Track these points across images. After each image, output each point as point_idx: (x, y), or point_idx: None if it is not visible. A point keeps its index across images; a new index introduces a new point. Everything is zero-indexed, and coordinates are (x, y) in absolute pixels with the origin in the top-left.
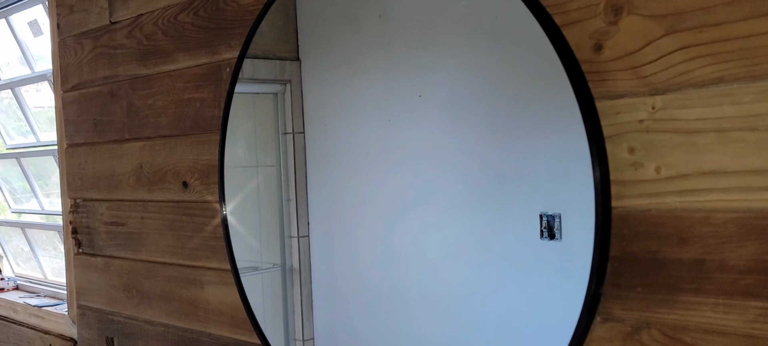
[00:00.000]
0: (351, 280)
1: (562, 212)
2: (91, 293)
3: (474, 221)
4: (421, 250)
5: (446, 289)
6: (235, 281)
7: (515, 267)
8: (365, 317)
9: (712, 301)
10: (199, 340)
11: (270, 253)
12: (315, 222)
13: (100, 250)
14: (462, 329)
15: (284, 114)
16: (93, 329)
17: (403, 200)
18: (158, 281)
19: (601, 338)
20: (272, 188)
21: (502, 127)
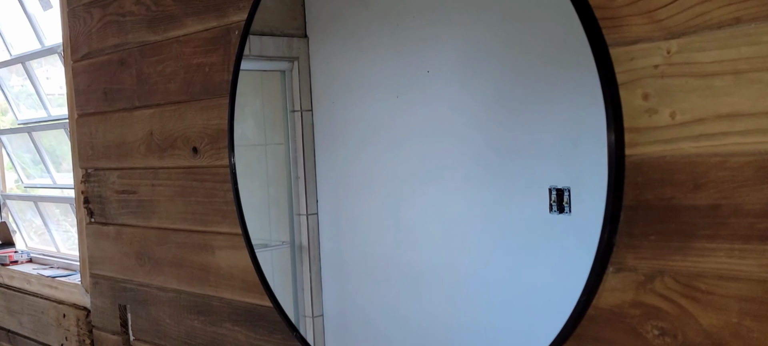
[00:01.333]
0: (360, 256)
1: (571, 186)
2: (103, 261)
3: (483, 195)
4: (429, 226)
5: (455, 264)
6: (246, 245)
7: (524, 241)
8: (374, 294)
9: (727, 246)
10: (211, 304)
11: (279, 230)
12: (323, 199)
13: (111, 218)
14: (471, 304)
15: (292, 91)
16: (106, 297)
17: (412, 176)
18: (170, 247)
19: (614, 288)
20: (281, 166)
21: (510, 101)
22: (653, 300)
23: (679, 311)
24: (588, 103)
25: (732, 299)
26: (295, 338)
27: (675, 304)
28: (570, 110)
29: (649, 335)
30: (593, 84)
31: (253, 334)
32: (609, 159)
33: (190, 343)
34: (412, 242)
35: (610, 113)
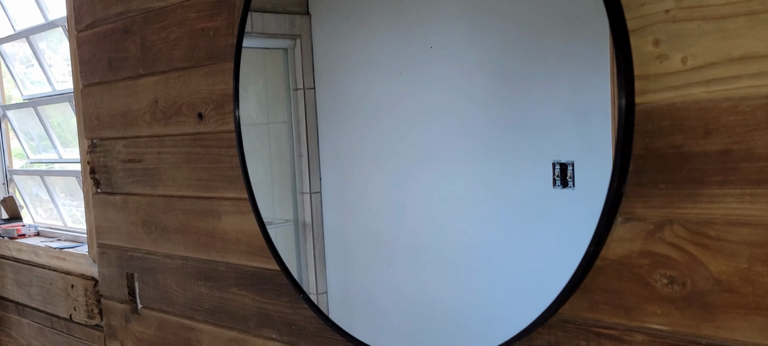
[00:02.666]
0: (363, 234)
1: (575, 160)
2: (110, 231)
3: (486, 171)
4: (433, 202)
5: (458, 240)
6: (252, 209)
7: (528, 216)
8: (378, 271)
9: (737, 192)
10: (217, 270)
11: (283, 209)
12: (327, 178)
13: (118, 188)
14: (474, 279)
15: (294, 70)
16: (113, 266)
17: (415, 153)
18: (176, 214)
19: (622, 238)
20: (284, 145)
21: (514, 76)
22: (662, 249)
23: (688, 258)
24: (592, 77)
25: (742, 244)
26: (302, 299)
27: (684, 252)
28: (574, 85)
29: (657, 284)
30: (597, 58)
31: (260, 298)
32: (618, 108)
33: (197, 309)
34: (416, 219)
35: (621, 61)
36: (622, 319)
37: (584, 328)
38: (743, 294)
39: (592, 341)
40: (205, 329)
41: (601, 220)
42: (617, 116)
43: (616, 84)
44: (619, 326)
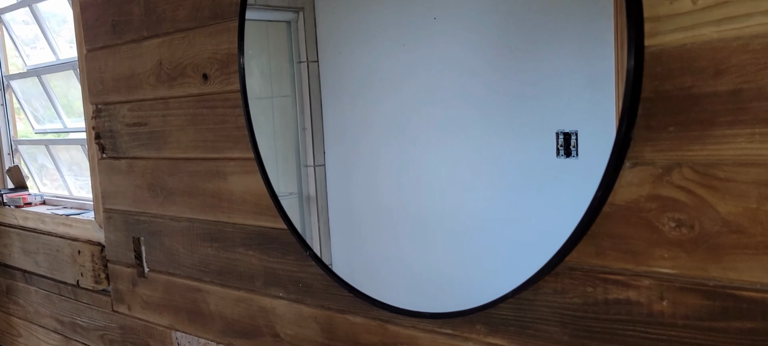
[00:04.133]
0: (367, 206)
1: (578, 129)
2: (116, 195)
3: (490, 141)
4: (437, 173)
5: (462, 210)
6: (258, 168)
7: (532, 186)
8: (382, 242)
9: (747, 131)
10: (224, 231)
11: (287, 182)
12: (330, 150)
13: (123, 152)
14: (479, 249)
15: (298, 42)
16: (119, 231)
17: (419, 124)
18: (182, 176)
19: (630, 183)
20: (287, 118)
21: (518, 46)
22: (670, 192)
23: (697, 201)
24: (595, 46)
25: (751, 184)
26: (308, 256)
27: (692, 194)
28: (577, 54)
29: (665, 228)
30: (601, 26)
31: (267, 257)
32: (628, 51)
33: (204, 270)
34: (420, 190)
35: (631, 4)
36: (629, 264)
37: (591, 274)
38: (752, 235)
39: (598, 287)
40: (212, 289)
41: (608, 165)
42: (626, 60)
43: (626, 27)
44: (626, 271)
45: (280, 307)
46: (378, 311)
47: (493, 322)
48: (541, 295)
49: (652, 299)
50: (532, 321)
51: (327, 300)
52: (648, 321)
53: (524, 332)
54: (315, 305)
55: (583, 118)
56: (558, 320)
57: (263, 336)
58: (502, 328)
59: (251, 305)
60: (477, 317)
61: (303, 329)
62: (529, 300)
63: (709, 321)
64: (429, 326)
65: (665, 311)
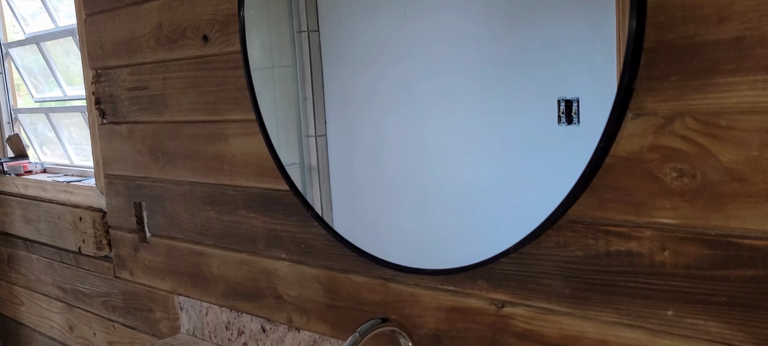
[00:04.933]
0: (369, 175)
1: (580, 96)
2: (117, 161)
3: (491, 108)
4: (438, 141)
5: (463, 178)
6: (260, 130)
7: (533, 153)
8: (385, 209)
9: (750, 79)
10: (226, 194)
11: (288, 153)
12: (332, 120)
13: (123, 117)
14: (480, 216)
15: (298, 12)
16: (121, 196)
17: (420, 92)
18: (183, 140)
19: (633, 134)
20: (288, 88)
21: (519, 12)
22: (672, 142)
23: (699, 150)
24: (597, 12)
25: (753, 132)
26: (310, 216)
27: (694, 143)
28: (579, 20)
29: (666, 178)
30: None
31: (269, 219)
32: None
33: (205, 234)
34: (421, 158)
35: None
36: (631, 215)
37: (593, 227)
38: (753, 182)
39: (600, 240)
40: (214, 253)
41: (611, 117)
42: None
43: None
44: (628, 222)
45: (283, 268)
46: (380, 269)
47: (496, 277)
48: (543, 249)
49: (654, 250)
50: (534, 275)
51: (329, 260)
52: (649, 272)
53: (526, 286)
54: (317, 266)
55: (584, 86)
56: (560, 273)
57: (266, 298)
58: (504, 283)
59: (254, 268)
60: (479, 272)
61: (306, 290)
62: (531, 254)
63: (711, 270)
64: (431, 284)
65: (666, 261)
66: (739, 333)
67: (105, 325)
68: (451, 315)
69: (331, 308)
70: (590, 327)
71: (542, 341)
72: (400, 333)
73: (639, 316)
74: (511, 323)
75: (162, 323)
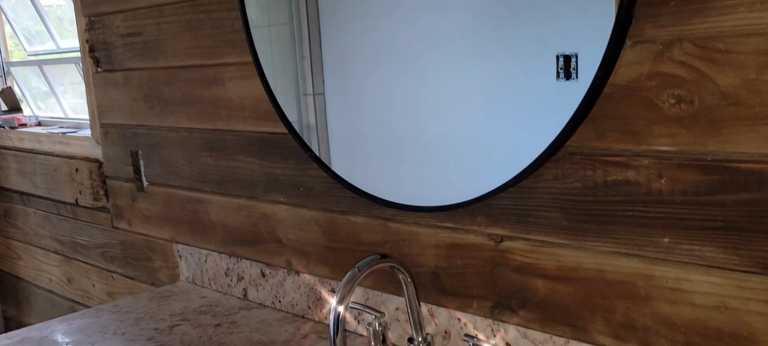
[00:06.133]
0: (367, 133)
1: (578, 52)
2: (112, 109)
3: (490, 64)
4: (436, 97)
5: (462, 134)
6: (257, 72)
7: (531, 109)
8: (382, 170)
9: (748, 0)
10: (223, 139)
11: (287, 112)
12: (330, 79)
13: (118, 64)
14: (478, 172)
15: None
16: (117, 145)
17: (418, 49)
18: (179, 86)
19: (631, 62)
20: (285, 47)
21: None
22: (670, 69)
23: (697, 75)
24: None
25: (750, 54)
26: (309, 158)
27: (692, 69)
28: None
29: (665, 105)
30: None
31: (267, 162)
32: None
33: (203, 180)
34: (419, 115)
35: None
36: (629, 145)
37: (591, 158)
38: (750, 105)
39: (598, 170)
40: (212, 199)
41: (609, 44)
42: None
43: None
44: (626, 152)
45: (282, 212)
46: (379, 209)
47: (494, 212)
48: (541, 182)
49: (651, 178)
50: (533, 209)
51: (328, 202)
52: (646, 200)
53: (525, 219)
54: (316, 208)
55: (583, 40)
56: (558, 205)
57: (265, 242)
58: (502, 218)
59: (252, 212)
60: (478, 208)
61: (305, 233)
62: (530, 188)
63: (707, 195)
64: (430, 222)
65: (663, 188)
66: (733, 257)
67: (104, 276)
68: (450, 252)
69: (331, 250)
70: (587, 258)
71: (540, 273)
72: (399, 269)
73: (635, 244)
74: (510, 258)
75: (161, 272)
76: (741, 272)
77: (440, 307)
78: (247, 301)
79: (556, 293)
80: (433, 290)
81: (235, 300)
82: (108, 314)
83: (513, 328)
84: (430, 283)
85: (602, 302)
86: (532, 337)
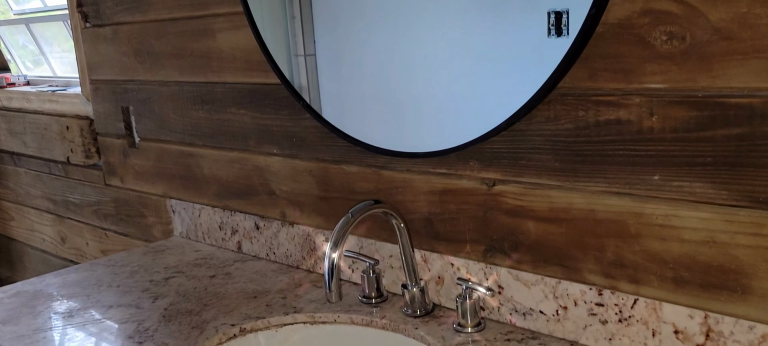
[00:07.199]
0: (359, 94)
1: (569, 7)
2: (102, 65)
3: (481, 21)
4: (428, 55)
5: (455, 92)
6: (248, 22)
7: (522, 65)
8: (375, 123)
9: None
10: (214, 91)
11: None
12: (321, 39)
13: (107, 19)
14: (471, 121)
15: None
16: (107, 101)
17: (409, 7)
18: (169, 39)
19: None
20: (276, 7)
21: None
22: (662, 5)
23: (688, 10)
24: None
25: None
26: (302, 107)
27: (684, 4)
28: None
29: (656, 42)
30: None
31: (260, 114)
32: None
33: (195, 134)
34: (410, 74)
35: None
36: (620, 83)
37: (583, 98)
38: (741, 39)
39: (590, 110)
40: (205, 153)
41: None
42: None
43: None
44: (618, 91)
45: (275, 164)
46: (373, 157)
47: (487, 156)
48: (533, 124)
49: (642, 116)
50: (525, 151)
51: (321, 152)
52: (637, 139)
53: (517, 163)
54: (310, 159)
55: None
56: (550, 147)
57: (259, 195)
58: (495, 161)
59: (245, 165)
60: (470, 152)
61: (298, 184)
62: (522, 131)
63: (697, 132)
64: (423, 168)
65: (654, 126)
66: (722, 192)
67: (97, 234)
68: (443, 198)
69: (324, 200)
70: (579, 198)
71: (532, 215)
72: (393, 215)
73: (626, 183)
74: (502, 201)
75: (155, 227)
76: (729, 207)
77: (434, 253)
78: (241, 254)
79: (548, 235)
80: (426, 236)
81: (230, 253)
82: (102, 268)
83: (505, 270)
84: (423, 229)
85: (593, 242)
86: (524, 279)
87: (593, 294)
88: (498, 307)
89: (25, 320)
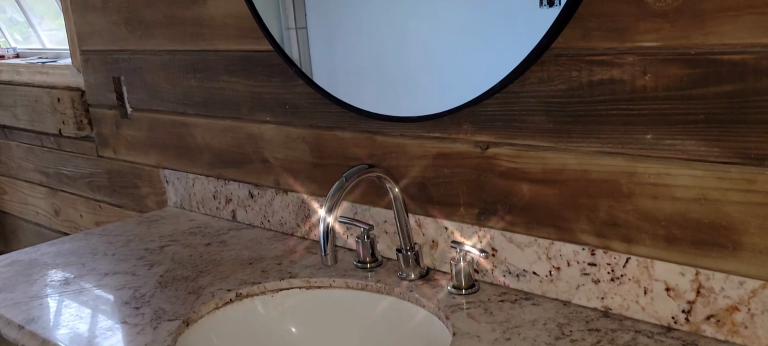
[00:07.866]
0: (351, 67)
1: None
2: (92, 35)
3: None
4: (419, 27)
5: (446, 63)
6: None
7: (515, 36)
8: (368, 97)
9: None
10: (206, 59)
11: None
12: (312, 12)
13: None
14: (464, 86)
15: None
16: (99, 72)
17: None
18: (159, 6)
19: None
20: None
21: None
22: None
23: None
24: None
25: None
26: (295, 73)
27: None
28: None
29: (650, 0)
30: None
31: (252, 81)
32: None
33: (188, 103)
34: (403, 46)
35: None
36: (614, 43)
37: (576, 59)
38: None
39: (584, 70)
40: (197, 122)
41: None
42: None
43: None
44: (611, 50)
45: (268, 131)
46: (366, 123)
47: (480, 119)
48: (527, 86)
49: (636, 75)
50: (518, 113)
51: (315, 119)
52: (631, 98)
53: (510, 125)
54: (303, 125)
55: None
56: (543, 109)
57: (252, 163)
58: (489, 124)
59: (238, 133)
60: (464, 115)
61: (292, 151)
62: (515, 93)
63: (690, 89)
64: (417, 132)
65: (647, 85)
66: (714, 149)
67: (91, 206)
68: (437, 162)
69: (318, 167)
70: (572, 159)
71: (525, 177)
72: (386, 179)
73: (619, 143)
74: (496, 163)
75: (148, 198)
76: (721, 164)
77: (427, 217)
78: (236, 222)
79: (541, 196)
80: (420, 200)
81: (224, 222)
82: (97, 237)
83: (499, 233)
84: (417, 194)
85: (586, 202)
86: (518, 240)
87: (586, 254)
88: (492, 269)
89: (21, 288)
